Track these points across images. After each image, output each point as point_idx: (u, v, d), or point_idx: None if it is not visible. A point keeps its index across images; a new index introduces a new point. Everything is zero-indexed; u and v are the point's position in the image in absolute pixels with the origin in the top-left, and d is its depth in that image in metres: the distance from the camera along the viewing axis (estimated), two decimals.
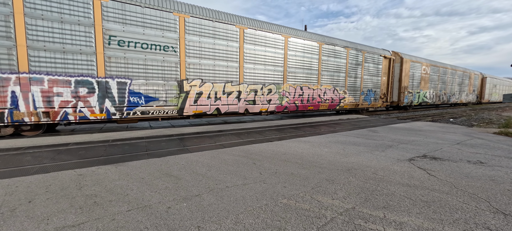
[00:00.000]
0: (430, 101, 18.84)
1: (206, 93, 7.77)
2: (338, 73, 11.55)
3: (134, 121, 7.04)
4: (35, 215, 2.08)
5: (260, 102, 8.99)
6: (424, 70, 17.72)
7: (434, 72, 19.02)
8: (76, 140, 5.31)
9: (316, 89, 10.72)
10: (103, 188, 2.68)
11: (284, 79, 9.65)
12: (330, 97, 11.29)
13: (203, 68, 7.66)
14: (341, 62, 11.61)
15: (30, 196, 2.44)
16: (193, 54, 7.46)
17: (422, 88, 17.68)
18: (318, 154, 4.29)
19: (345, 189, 2.69)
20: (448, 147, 4.99)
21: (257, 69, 8.87)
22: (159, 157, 4.01)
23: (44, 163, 3.64)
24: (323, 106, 11.10)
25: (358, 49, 12.32)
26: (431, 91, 18.84)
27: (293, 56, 9.81)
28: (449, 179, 3.06)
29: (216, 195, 2.51)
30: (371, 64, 13.16)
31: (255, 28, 8.67)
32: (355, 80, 12.43)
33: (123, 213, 2.12)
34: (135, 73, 6.57)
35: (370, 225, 1.95)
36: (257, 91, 8.89)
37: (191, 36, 7.35)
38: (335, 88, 11.49)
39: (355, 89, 12.45)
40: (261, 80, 9.02)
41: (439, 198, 2.48)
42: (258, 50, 8.81)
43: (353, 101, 12.41)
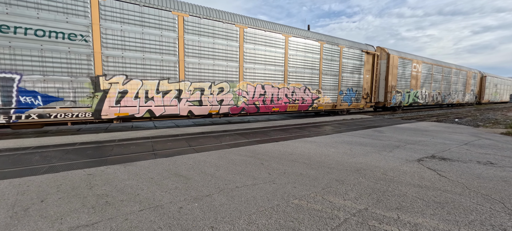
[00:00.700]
0: (422, 102, 17.49)
1: (132, 92, 6.55)
2: (310, 70, 10.30)
3: (33, 127, 5.96)
4: (48, 214, 2.09)
5: (209, 102, 7.80)
6: (414, 68, 16.27)
7: (427, 70, 17.54)
8: (83, 140, 5.34)
9: (282, 88, 9.43)
10: (114, 187, 2.69)
11: (240, 76, 8.38)
12: (301, 97, 10.04)
13: (127, 62, 6.40)
14: (314, 57, 10.32)
15: (42, 196, 2.45)
16: (113, 45, 6.20)
17: (413, 88, 16.30)
18: (325, 154, 4.27)
19: (356, 189, 2.68)
20: (456, 147, 4.94)
21: (204, 65, 7.60)
22: (166, 157, 4.01)
23: (53, 162, 3.66)
24: (292, 108, 9.90)
25: (334, 43, 11.08)
26: (423, 90, 17.41)
27: (251, 50, 8.51)
28: (460, 180, 3.03)
29: (227, 195, 2.51)
30: (351, 61, 11.93)
31: (199, 15, 7.35)
32: (331, 78, 11.21)
33: (135, 213, 2.12)
34: (27, 67, 5.34)
35: (384, 226, 1.93)
36: (204, 90, 7.65)
37: (109, 23, 6.09)
38: (306, 87, 10.19)
39: (331, 88, 11.27)
40: (210, 77, 7.77)
41: (452, 199, 2.45)
42: (205, 42, 7.54)
43: (330, 101, 11.26)
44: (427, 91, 17.88)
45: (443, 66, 19.38)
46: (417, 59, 16.53)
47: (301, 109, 10.24)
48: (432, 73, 18.09)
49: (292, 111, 9.97)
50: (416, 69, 16.44)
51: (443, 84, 19.65)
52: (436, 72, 18.61)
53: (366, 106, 13.16)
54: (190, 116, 7.60)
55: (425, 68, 17.28)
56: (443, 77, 19.36)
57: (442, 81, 19.39)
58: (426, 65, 17.44)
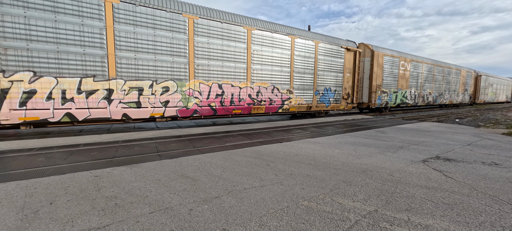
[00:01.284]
0: (411, 102, 16.44)
1: (44, 92, 5.58)
2: (279, 68, 9.28)
3: None
4: (58, 217, 2.09)
5: (150, 104, 6.80)
6: (402, 66, 15.22)
7: (416, 69, 16.43)
8: (86, 141, 5.32)
9: (244, 87, 8.42)
10: (122, 189, 2.68)
11: (190, 74, 7.37)
12: (268, 98, 9.07)
13: (35, 55, 5.41)
14: (283, 53, 9.33)
15: (51, 198, 2.45)
16: (14, 35, 5.18)
17: (400, 87, 15.25)
18: (330, 155, 4.27)
19: (364, 191, 2.68)
20: (460, 148, 4.96)
21: (143, 60, 6.58)
22: (171, 158, 4.01)
23: (58, 164, 3.65)
24: (258, 109, 8.88)
25: (308, 37, 10.05)
26: (412, 90, 16.29)
27: (204, 44, 7.52)
28: (467, 180, 3.04)
29: (236, 197, 2.51)
30: (329, 58, 10.95)
31: (135, 2, 6.34)
32: (305, 76, 10.16)
33: (146, 215, 2.12)
34: None
35: (396, 228, 1.94)
36: (143, 89, 6.63)
37: (7, 7, 5.06)
38: (275, 87, 9.19)
39: (306, 88, 10.22)
40: (150, 75, 6.75)
41: (460, 201, 2.46)
42: (143, 33, 6.52)
43: (304, 102, 10.24)
44: (416, 91, 16.86)
45: (435, 65, 18.38)
46: (405, 57, 15.50)
47: (269, 111, 9.24)
48: (422, 72, 17.08)
49: (257, 113, 8.96)
50: (404, 67, 15.46)
51: (435, 83, 18.68)
52: (427, 71, 17.62)
53: (347, 107, 12.17)
54: (126, 120, 6.64)
55: (414, 66, 16.28)
56: (435, 76, 18.42)
57: (434, 80, 18.40)
58: (416, 63, 16.47)
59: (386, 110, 15.11)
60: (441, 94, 19.56)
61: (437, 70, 18.66)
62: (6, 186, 2.74)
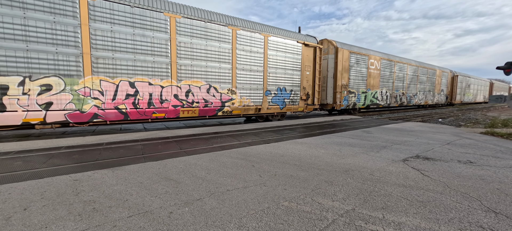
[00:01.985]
0: (383, 103, 15.56)
1: None
2: (217, 64, 8.03)
3: None
4: (32, 223, 2.03)
5: (21, 107, 5.36)
6: (372, 65, 14.30)
7: (387, 68, 15.61)
8: (68, 144, 5.17)
9: (168, 86, 7.10)
10: (101, 193, 2.63)
11: (85, 69, 5.98)
12: (202, 99, 7.80)
13: None
14: (222, 47, 8.07)
15: (25, 203, 2.37)
16: None
17: (370, 87, 14.34)
18: (316, 155, 4.35)
19: (344, 190, 2.75)
20: (439, 147, 5.16)
21: (4, 50, 5.13)
22: (156, 160, 3.96)
23: (36, 168, 3.53)
24: (188, 112, 7.60)
25: (254, 30, 8.81)
26: (383, 91, 15.41)
27: (107, 31, 6.17)
28: (442, 179, 3.18)
29: (218, 198, 2.51)
30: (283, 53, 9.82)
31: None
32: (252, 74, 8.92)
33: (124, 220, 2.09)
34: None
35: (370, 226, 2.01)
36: (7, 88, 5.22)
37: None
38: (211, 86, 7.96)
39: (253, 88, 9.03)
40: (20, 69, 5.30)
41: (433, 198, 2.57)
42: (9, 15, 5.11)
43: (251, 104, 9.00)
44: (388, 91, 15.94)
45: (408, 64, 17.50)
46: (375, 55, 14.61)
47: (204, 114, 7.99)
48: (394, 71, 16.20)
49: (188, 117, 7.69)
50: (374, 66, 14.50)
51: (408, 83, 17.88)
52: (400, 70, 16.84)
53: (307, 109, 11.04)
54: None
55: (385, 65, 15.45)
56: (408, 76, 17.64)
57: (407, 80, 17.60)
58: (387, 62, 15.59)
59: (355, 111, 14.22)
60: (416, 95, 18.84)
61: (411, 69, 18.06)
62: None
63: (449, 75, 23.91)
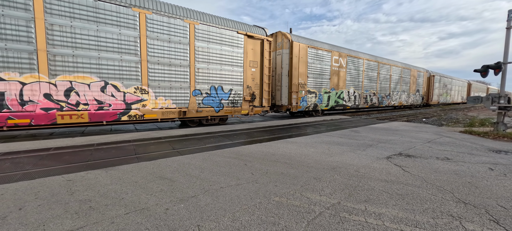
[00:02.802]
0: (350, 104, 14.34)
1: None
2: (117, 55, 6.42)
3: None
4: (29, 221, 2.07)
5: None
6: (336, 62, 13.02)
7: (355, 66, 14.43)
8: (58, 145, 5.10)
9: (33, 82, 5.52)
10: (96, 193, 2.68)
11: None
12: (93, 99, 6.21)
13: None
14: (123, 35, 6.44)
15: (20, 203, 2.39)
16: None
17: (335, 87, 13.14)
18: (305, 154, 4.54)
19: (331, 186, 2.94)
20: (421, 145, 5.49)
21: None
22: (150, 160, 4.01)
23: (26, 169, 3.50)
24: (72, 117, 5.98)
25: (174, 15, 7.27)
26: (351, 90, 14.22)
27: None
28: (420, 174, 3.43)
29: (212, 195, 2.63)
30: (218, 46, 8.20)
31: None
32: (173, 69, 7.38)
33: (121, 216, 2.17)
34: None
35: (353, 217, 2.19)
36: None
37: None
38: (107, 83, 6.35)
39: (175, 86, 7.49)
40: None
41: (412, 191, 2.80)
42: None
43: (172, 106, 7.51)
44: (357, 91, 14.66)
45: (379, 62, 16.15)
46: (339, 51, 13.19)
47: (101, 120, 6.37)
48: (363, 69, 14.93)
49: (73, 123, 6.04)
50: (339, 63, 13.23)
51: (380, 83, 16.66)
52: (369, 68, 15.49)
53: (254, 111, 9.40)
54: None
55: (352, 63, 14.19)
56: (380, 75, 16.45)
57: (379, 79, 16.39)
58: (354, 59, 14.26)
59: (318, 113, 12.99)
60: (389, 95, 17.60)
61: (383, 68, 16.64)
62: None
63: (425, 75, 22.81)
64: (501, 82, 7.52)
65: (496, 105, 7.41)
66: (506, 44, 7.22)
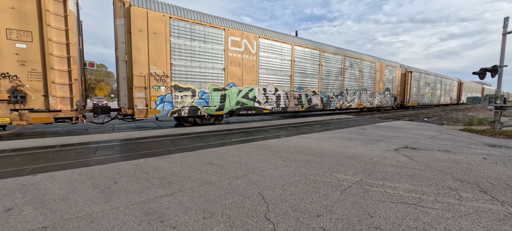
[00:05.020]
0: (270, 107, 10.35)
1: None
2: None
3: None
4: (129, 190, 2.73)
5: None
6: (237, 46, 9.02)
7: (277, 54, 10.42)
8: (98, 139, 5.77)
9: None
10: (165, 173, 3.34)
11: None
12: None
13: None
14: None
15: (112, 179, 3.05)
16: None
17: (236, 82, 9.16)
18: (323, 147, 5.19)
19: (352, 169, 3.59)
20: (424, 140, 6.13)
21: None
22: (191, 151, 4.67)
23: (91, 157, 4.17)
24: None
25: None
26: (270, 88, 10.30)
27: None
28: (425, 161, 4.08)
29: (259, 175, 3.28)
30: None
31: None
32: None
33: (197, 188, 2.83)
34: None
35: (375, 189, 2.84)
36: None
37: None
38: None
39: None
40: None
41: (418, 173, 3.45)
42: None
43: None
44: (283, 89, 10.82)
45: (322, 51, 12.31)
46: (243, 30, 9.28)
47: None
48: (292, 59, 10.92)
49: None
50: (243, 47, 9.17)
51: (326, 78, 12.80)
52: (304, 58, 11.54)
53: (26, 119, 5.79)
54: None
55: (272, 49, 10.20)
56: (322, 67, 12.48)
57: (321, 73, 12.44)
58: (275, 45, 10.29)
59: (206, 119, 8.92)
60: (340, 94, 13.71)
61: (330, 60, 12.85)
62: (63, 173, 3.28)
63: (398, 70, 18.78)
64: (497, 83, 8.16)
65: (493, 105, 8.05)
66: (502, 49, 7.86)
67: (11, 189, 2.70)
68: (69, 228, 1.94)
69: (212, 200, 2.50)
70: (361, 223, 2.08)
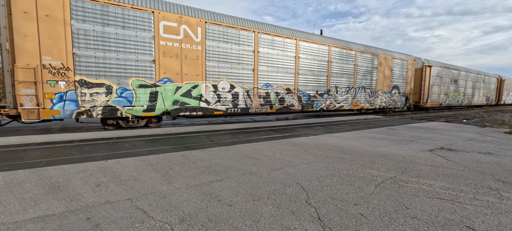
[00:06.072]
0: (223, 108, 8.51)
1: None
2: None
3: None
4: (185, 175, 3.19)
5: None
6: (171, 32, 7.42)
7: (231, 42, 8.54)
8: (139, 133, 6.50)
9: None
10: (210, 163, 3.78)
11: None
12: None
13: None
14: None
15: (168, 166, 3.56)
16: None
17: (172, 77, 7.57)
18: (352, 145, 5.28)
19: (385, 166, 3.69)
20: (462, 142, 5.87)
21: None
22: (227, 146, 5.10)
23: (143, 148, 4.80)
24: None
25: None
26: (222, 84, 8.49)
27: None
28: (463, 163, 4.00)
29: (294, 168, 3.56)
30: None
31: None
32: None
33: (240, 176, 3.20)
34: None
35: (409, 185, 2.95)
36: None
37: None
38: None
39: None
40: None
41: (455, 173, 3.44)
42: None
43: None
44: (241, 85, 8.91)
45: (299, 39, 10.26)
46: (182, 14, 7.60)
47: None
48: (255, 50, 9.00)
49: None
50: (182, 35, 7.59)
51: (307, 73, 10.67)
52: (275, 48, 9.59)
53: None
54: None
55: (223, 37, 8.41)
56: (299, 59, 10.30)
57: (298, 67, 10.30)
58: (229, 31, 8.49)
59: (131, 121, 7.42)
60: (327, 93, 11.45)
61: (315, 50, 10.88)
62: (127, 160, 3.88)
63: (411, 64, 15.55)
64: None
65: None
66: None
67: (93, 170, 3.33)
68: (148, 200, 2.42)
69: (257, 186, 2.84)
70: (397, 212, 2.26)
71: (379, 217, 2.17)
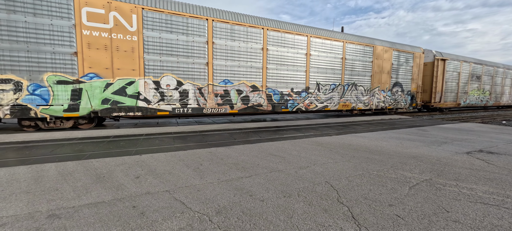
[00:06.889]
0: (169, 108, 7.67)
1: None
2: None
3: None
4: (215, 170, 3.32)
5: None
6: (99, 20, 6.57)
7: (179, 31, 7.59)
8: (163, 131, 6.81)
9: None
10: (237, 160, 3.88)
11: None
12: None
13: None
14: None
15: (197, 162, 3.72)
16: None
17: (101, 72, 6.73)
18: (380, 146, 5.09)
19: (419, 168, 3.53)
20: (503, 144, 5.39)
21: None
22: (250, 143, 5.18)
23: (169, 144, 5.04)
24: None
25: None
26: (166, 80, 7.59)
27: None
28: (507, 166, 3.69)
29: (321, 167, 3.54)
30: None
31: None
32: None
33: (268, 173, 3.25)
34: None
35: (447, 188, 2.80)
36: None
37: None
38: None
39: None
40: None
41: (499, 177, 3.19)
42: None
43: None
44: (194, 82, 7.94)
45: (267, 28, 9.01)
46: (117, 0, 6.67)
47: None
48: (209, 40, 7.97)
49: None
50: (112, 23, 6.73)
51: (277, 68, 9.39)
52: (235, 39, 8.44)
53: None
54: None
55: (170, 25, 7.46)
56: (268, 51, 9.07)
57: (266, 62, 9.07)
58: (177, 19, 7.51)
59: (46, 123, 6.69)
60: (306, 90, 10.13)
61: (290, 41, 9.54)
62: (159, 155, 4.12)
63: (419, 57, 13.30)
64: None
65: None
66: None
67: (130, 164, 3.59)
68: (185, 193, 2.57)
69: (286, 183, 2.88)
70: (437, 215, 2.17)
71: (417, 219, 2.09)
